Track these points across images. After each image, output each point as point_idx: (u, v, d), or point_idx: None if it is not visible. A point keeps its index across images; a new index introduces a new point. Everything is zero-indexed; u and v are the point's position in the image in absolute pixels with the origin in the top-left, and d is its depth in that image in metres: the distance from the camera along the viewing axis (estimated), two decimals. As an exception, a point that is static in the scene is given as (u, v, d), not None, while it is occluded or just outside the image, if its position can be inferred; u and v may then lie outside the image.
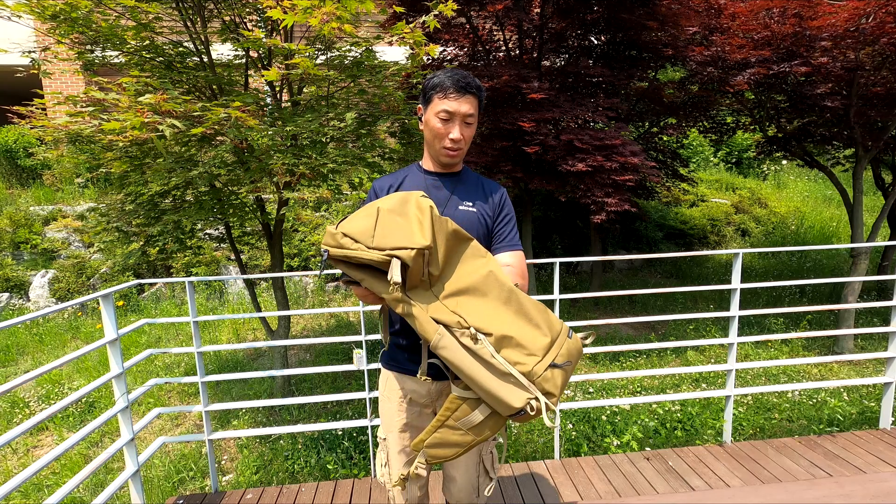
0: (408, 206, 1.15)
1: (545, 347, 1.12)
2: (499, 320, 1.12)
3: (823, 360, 2.96)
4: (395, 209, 1.14)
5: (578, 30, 5.00)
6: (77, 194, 7.40)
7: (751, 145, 10.51)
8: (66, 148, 3.04)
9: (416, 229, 1.11)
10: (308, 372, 2.61)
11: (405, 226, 1.12)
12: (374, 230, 1.12)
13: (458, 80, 1.33)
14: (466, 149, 1.43)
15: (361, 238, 1.12)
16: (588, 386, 4.08)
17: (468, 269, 1.19)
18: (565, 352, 1.14)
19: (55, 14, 2.66)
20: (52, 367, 1.80)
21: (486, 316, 1.13)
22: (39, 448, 3.59)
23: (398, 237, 1.10)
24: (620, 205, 4.24)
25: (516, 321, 1.13)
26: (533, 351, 1.11)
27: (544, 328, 1.14)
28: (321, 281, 6.49)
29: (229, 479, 3.09)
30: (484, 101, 1.42)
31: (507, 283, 1.17)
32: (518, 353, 1.10)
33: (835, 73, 4.17)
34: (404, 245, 1.09)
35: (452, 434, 1.15)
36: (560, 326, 1.19)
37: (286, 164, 2.71)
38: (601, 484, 2.45)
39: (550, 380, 1.10)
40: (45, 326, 5.53)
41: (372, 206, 1.17)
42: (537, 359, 1.10)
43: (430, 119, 1.38)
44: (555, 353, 1.13)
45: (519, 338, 1.11)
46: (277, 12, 2.28)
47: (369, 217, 1.14)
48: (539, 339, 1.12)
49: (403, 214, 1.14)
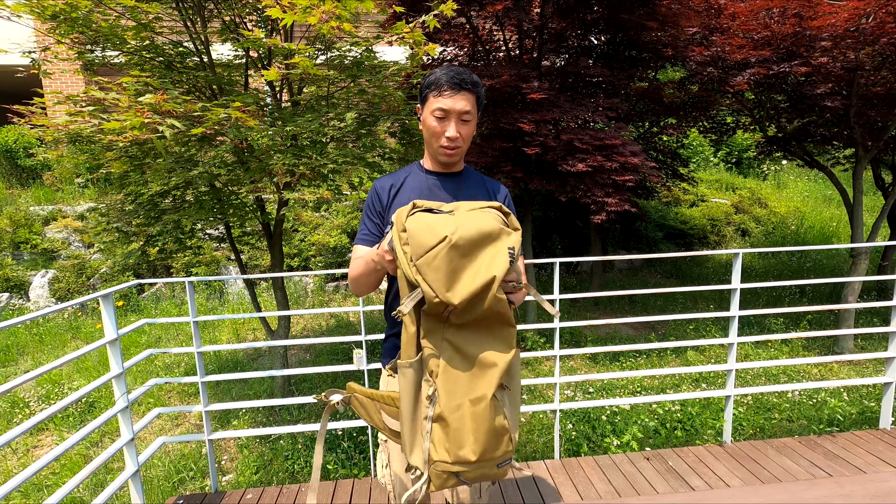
0: (482, 248, 1.05)
1: (463, 460, 1.04)
2: (456, 402, 1.06)
3: (823, 360, 2.96)
4: (463, 247, 1.04)
5: (578, 30, 5.00)
6: (77, 194, 7.40)
7: (751, 145, 10.51)
8: (66, 148, 3.04)
9: (463, 282, 1.03)
10: (308, 372, 2.61)
11: (454, 270, 1.03)
12: (426, 251, 1.04)
13: (452, 76, 1.30)
14: (466, 147, 1.41)
15: (413, 246, 1.06)
16: (588, 386, 4.08)
17: (486, 344, 1.09)
18: (478, 474, 1.07)
19: (55, 14, 2.66)
20: (52, 367, 1.80)
21: (452, 389, 1.06)
22: (39, 448, 3.59)
23: (438, 277, 1.03)
24: (620, 205, 4.24)
25: (466, 420, 1.05)
26: (450, 452, 1.05)
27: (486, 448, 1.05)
28: (321, 281, 6.49)
29: (229, 479, 3.09)
30: (483, 98, 1.40)
31: (490, 390, 1.05)
32: (439, 438, 1.06)
33: (835, 73, 4.17)
34: (434, 288, 1.03)
35: (375, 413, 1.23)
36: (503, 454, 1.08)
37: (286, 164, 2.71)
38: (601, 484, 2.45)
39: (441, 480, 1.07)
40: (45, 326, 5.53)
41: (448, 223, 1.06)
42: (447, 460, 1.05)
43: (426, 118, 1.36)
44: (467, 469, 1.06)
45: (452, 431, 1.05)
46: (277, 11, 2.28)
47: (434, 235, 1.04)
48: (466, 451, 1.04)
49: (465, 256, 1.04)
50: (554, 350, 2.66)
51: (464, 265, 1.04)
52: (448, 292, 1.02)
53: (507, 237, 1.08)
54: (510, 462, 1.11)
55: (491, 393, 1.05)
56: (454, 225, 1.05)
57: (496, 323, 1.09)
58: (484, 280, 1.02)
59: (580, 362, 4.71)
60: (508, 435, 1.08)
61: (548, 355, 4.44)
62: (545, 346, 4.87)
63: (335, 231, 6.75)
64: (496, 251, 1.05)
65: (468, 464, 1.05)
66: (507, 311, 1.07)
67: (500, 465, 1.09)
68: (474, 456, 1.04)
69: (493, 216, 1.12)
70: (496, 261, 1.04)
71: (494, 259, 1.04)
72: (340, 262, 6.54)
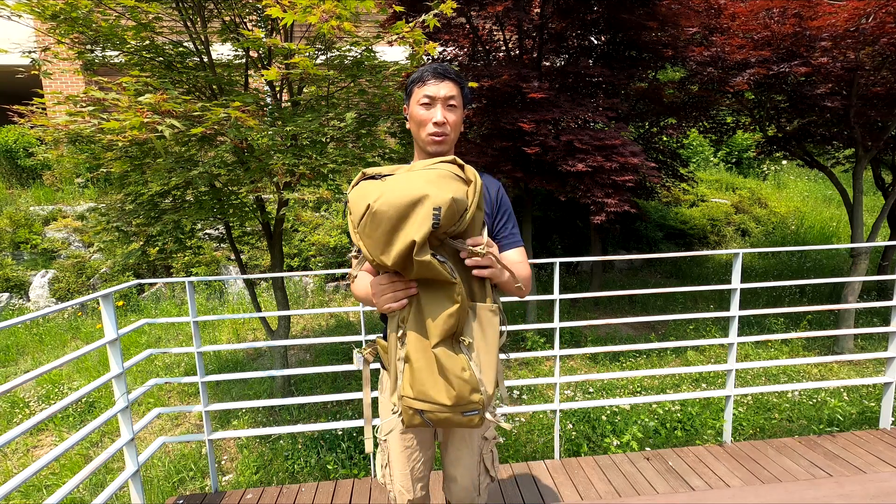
0: (407, 215, 1.06)
1: (426, 397, 1.14)
2: (419, 345, 1.16)
3: (823, 360, 2.96)
4: (387, 213, 1.06)
5: (578, 30, 5.00)
6: (77, 194, 7.40)
7: (751, 145, 10.51)
8: (66, 148, 3.04)
9: (393, 246, 1.08)
10: (308, 372, 2.61)
11: (384, 234, 1.08)
12: (360, 218, 1.11)
13: (435, 68, 1.36)
14: (454, 137, 1.40)
15: (353, 214, 1.13)
16: (588, 386, 4.08)
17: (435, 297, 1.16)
18: (442, 418, 1.16)
19: (55, 14, 2.66)
20: (52, 367, 1.80)
21: (417, 334, 1.16)
22: (39, 448, 3.59)
23: (372, 242, 1.10)
24: (620, 205, 4.24)
25: (429, 362, 1.15)
26: (413, 388, 1.16)
27: (447, 392, 1.14)
28: (321, 281, 6.49)
29: (229, 479, 3.09)
30: (468, 93, 1.42)
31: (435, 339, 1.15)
32: (406, 375, 1.17)
33: (835, 73, 4.17)
34: (371, 252, 1.11)
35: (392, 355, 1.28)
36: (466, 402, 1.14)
37: (286, 164, 2.71)
38: (601, 484, 2.45)
39: (408, 416, 1.18)
40: (45, 326, 5.53)
41: (375, 190, 1.10)
42: (410, 395, 1.16)
43: (413, 110, 1.39)
44: (429, 409, 1.15)
45: (416, 370, 1.15)
46: (277, 10, 2.28)
47: (363, 200, 1.10)
48: (429, 389, 1.14)
49: (392, 221, 1.07)
50: (554, 350, 2.66)
51: (396, 228, 1.07)
52: (382, 255, 1.09)
53: (434, 198, 1.06)
54: (477, 413, 1.17)
55: (437, 341, 1.13)
56: (380, 192, 1.09)
57: (439, 279, 1.14)
58: (404, 244, 1.06)
59: (580, 362, 4.71)
60: (472, 387, 1.14)
61: (548, 355, 4.44)
62: (545, 346, 4.87)
63: (335, 231, 6.75)
64: (420, 217, 1.06)
65: (430, 403, 1.14)
66: (438, 273, 1.10)
67: (464, 413, 1.16)
68: (436, 395, 1.13)
69: (437, 173, 1.13)
70: (420, 224, 1.05)
71: (420, 223, 1.05)
72: (340, 262, 6.54)
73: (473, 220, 1.14)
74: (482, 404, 1.16)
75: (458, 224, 1.11)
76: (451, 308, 1.14)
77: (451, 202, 1.07)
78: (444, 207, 1.06)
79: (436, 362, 1.14)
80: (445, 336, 1.14)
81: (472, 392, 1.14)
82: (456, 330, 1.16)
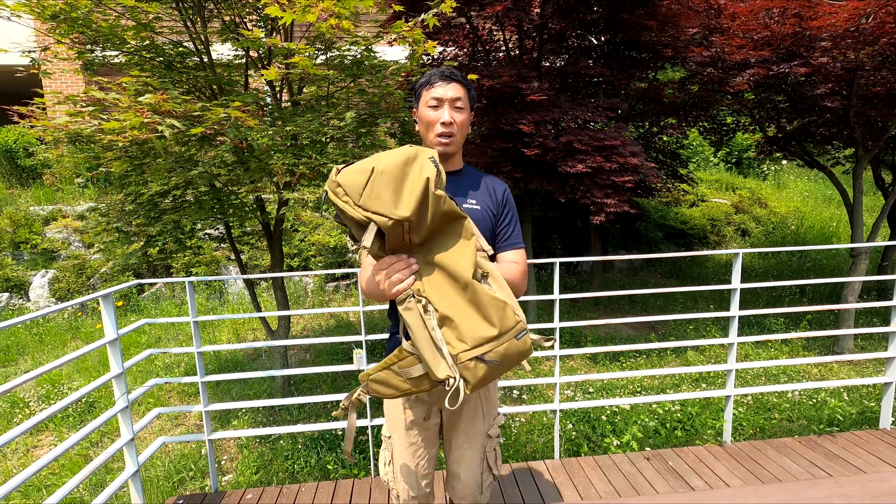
0: (408, 169, 1.14)
1: (480, 339, 1.16)
2: (449, 300, 1.18)
3: (823, 360, 2.96)
4: (391, 172, 1.12)
5: (578, 30, 5.00)
6: (77, 194, 7.40)
7: (751, 145, 10.51)
8: (66, 148, 3.04)
9: (405, 197, 1.11)
10: (308, 372, 2.61)
11: (394, 192, 1.11)
12: (363, 188, 1.11)
13: (442, 70, 1.42)
14: (461, 138, 1.44)
15: (351, 193, 1.12)
16: (588, 386, 4.08)
17: (448, 244, 1.21)
18: (502, 350, 1.17)
19: (55, 14, 2.65)
20: (52, 367, 1.80)
21: (441, 293, 1.18)
22: (39, 448, 3.58)
23: (383, 202, 1.11)
24: (620, 206, 4.24)
25: (464, 307, 1.18)
26: (465, 339, 1.16)
27: (495, 321, 1.17)
28: (321, 281, 6.49)
29: (229, 479, 3.09)
30: (474, 97, 1.46)
31: (468, 273, 1.19)
32: (452, 336, 1.17)
33: (835, 73, 4.17)
34: (384, 213, 1.10)
35: (395, 378, 1.24)
36: (514, 324, 1.20)
37: (286, 163, 2.71)
38: (601, 484, 2.45)
39: (471, 370, 1.16)
40: (45, 326, 5.53)
41: (371, 161, 1.15)
42: (466, 346, 1.16)
43: (421, 111, 1.43)
44: (489, 349, 1.16)
45: (459, 322, 1.16)
46: (276, 9, 2.28)
47: (363, 174, 1.13)
48: (479, 330, 1.16)
49: (398, 179, 1.12)
50: (554, 350, 2.66)
51: (400, 184, 1.12)
52: (397, 209, 1.11)
53: (424, 151, 1.19)
54: (527, 332, 1.23)
55: (469, 275, 1.17)
56: (374, 161, 1.15)
57: (448, 220, 1.21)
58: (422, 184, 1.12)
59: (580, 362, 4.71)
60: (510, 308, 1.20)
61: (548, 355, 4.44)
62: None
63: (335, 231, 6.75)
64: (421, 163, 1.16)
65: (487, 342, 1.16)
66: (452, 206, 1.19)
67: (518, 337, 1.20)
68: (486, 332, 1.16)
69: (409, 146, 1.22)
70: (424, 168, 1.14)
71: (422, 168, 1.15)
72: (340, 262, 6.54)
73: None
74: (525, 324, 1.21)
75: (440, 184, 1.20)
76: (468, 243, 1.21)
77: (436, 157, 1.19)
78: (436, 156, 1.19)
79: (474, 299, 1.17)
80: (473, 269, 1.19)
81: (514, 314, 1.20)
82: (476, 264, 1.21)
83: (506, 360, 1.18)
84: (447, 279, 1.18)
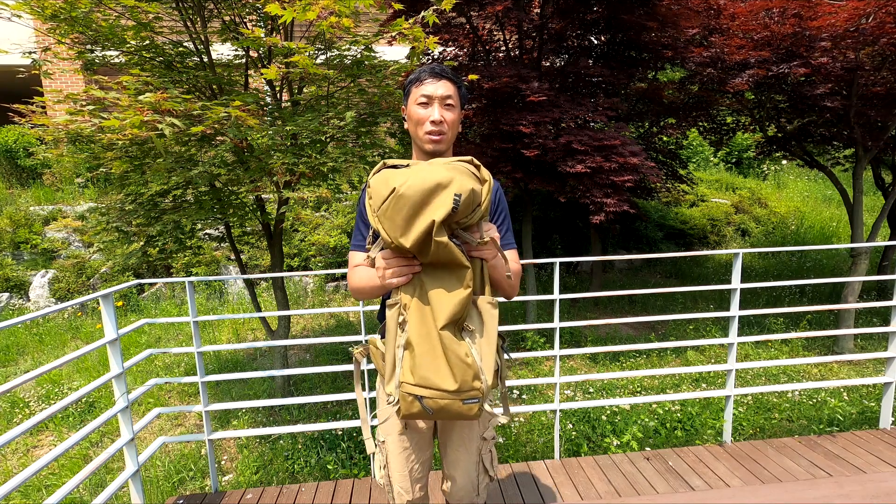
0: (430, 199, 1.11)
1: (427, 383, 1.16)
2: (423, 331, 1.18)
3: (823, 360, 2.96)
4: (411, 197, 1.10)
5: (578, 30, 5.00)
6: (77, 194, 7.40)
7: (751, 145, 10.51)
8: (66, 147, 3.04)
9: (414, 228, 1.11)
10: (308, 372, 2.61)
11: (406, 219, 1.12)
12: (382, 202, 1.14)
13: (432, 68, 1.38)
14: (451, 136, 1.41)
15: (374, 199, 1.17)
16: (588, 386, 4.08)
17: (444, 282, 1.20)
18: (443, 404, 1.17)
19: (55, 14, 2.66)
20: (52, 367, 1.80)
21: (420, 320, 1.19)
22: (39, 448, 3.58)
23: (393, 224, 1.13)
24: (619, 206, 4.24)
25: (433, 346, 1.17)
26: (415, 374, 1.17)
27: (457, 377, 1.16)
28: (321, 281, 6.49)
29: (229, 479, 3.09)
30: (465, 95, 1.44)
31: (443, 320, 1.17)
32: (408, 362, 1.19)
33: (835, 73, 4.17)
34: (391, 235, 1.14)
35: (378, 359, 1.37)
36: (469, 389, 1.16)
37: (286, 163, 2.71)
38: (601, 484, 2.45)
39: (407, 402, 1.19)
40: (45, 326, 5.53)
41: (402, 175, 1.13)
42: (412, 381, 1.17)
43: (411, 109, 1.40)
44: (430, 395, 1.16)
45: (419, 355, 1.17)
46: (276, 7, 2.28)
47: (387, 187, 1.14)
48: (433, 376, 1.16)
49: (415, 206, 1.11)
50: (554, 350, 2.66)
51: (417, 212, 1.11)
52: (401, 237, 1.12)
53: (456, 185, 1.11)
54: (477, 402, 1.18)
55: (444, 323, 1.16)
56: (406, 177, 1.13)
57: (452, 263, 1.18)
58: (426, 225, 1.10)
59: (580, 362, 4.71)
60: (474, 373, 1.17)
61: (548, 355, 4.44)
62: (545, 346, 4.87)
63: (335, 231, 6.75)
64: (443, 199, 1.11)
65: (432, 389, 1.15)
66: (453, 256, 1.15)
67: (465, 402, 1.17)
68: (438, 380, 1.15)
69: (454, 167, 1.18)
70: (440, 207, 1.10)
71: (439, 206, 1.11)
72: (340, 262, 6.54)
73: (482, 216, 1.20)
74: (482, 393, 1.18)
75: (470, 216, 1.16)
76: (462, 292, 1.18)
77: (471, 192, 1.13)
78: (465, 195, 1.11)
79: (440, 345, 1.15)
80: (453, 319, 1.17)
81: (474, 378, 1.16)
82: (462, 316, 1.19)
83: (441, 414, 1.18)
84: (430, 311, 1.18)
